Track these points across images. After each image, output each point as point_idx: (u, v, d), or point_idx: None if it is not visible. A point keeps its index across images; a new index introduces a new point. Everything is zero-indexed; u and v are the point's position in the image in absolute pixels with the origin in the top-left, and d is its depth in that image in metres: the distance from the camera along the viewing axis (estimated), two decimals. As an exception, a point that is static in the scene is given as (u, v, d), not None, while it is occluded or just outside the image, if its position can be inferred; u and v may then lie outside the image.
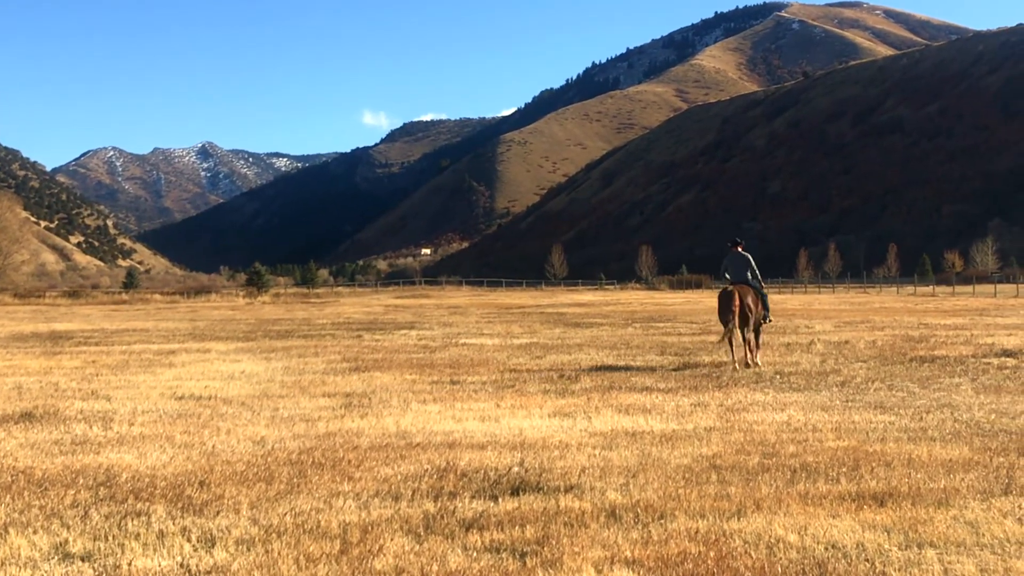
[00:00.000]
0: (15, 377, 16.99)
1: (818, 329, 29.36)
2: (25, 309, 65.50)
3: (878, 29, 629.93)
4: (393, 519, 6.86)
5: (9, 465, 8.89)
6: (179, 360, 20.34)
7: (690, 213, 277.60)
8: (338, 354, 21.56)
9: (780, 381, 15.36)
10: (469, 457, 9.06)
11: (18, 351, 23.42)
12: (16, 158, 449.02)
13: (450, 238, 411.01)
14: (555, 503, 7.27)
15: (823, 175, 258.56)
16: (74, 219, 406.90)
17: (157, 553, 6.15)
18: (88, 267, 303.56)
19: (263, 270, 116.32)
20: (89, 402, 13.34)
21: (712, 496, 7.45)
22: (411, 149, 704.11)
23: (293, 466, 8.70)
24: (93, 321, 42.61)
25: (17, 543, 6.33)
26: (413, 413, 12.10)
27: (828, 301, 66.63)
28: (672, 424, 11.04)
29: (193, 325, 37.45)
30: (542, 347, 23.11)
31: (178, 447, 9.80)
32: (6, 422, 11.49)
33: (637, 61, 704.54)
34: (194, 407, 12.79)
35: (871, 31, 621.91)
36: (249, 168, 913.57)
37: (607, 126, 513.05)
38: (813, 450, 9.33)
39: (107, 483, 8.07)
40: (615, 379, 15.73)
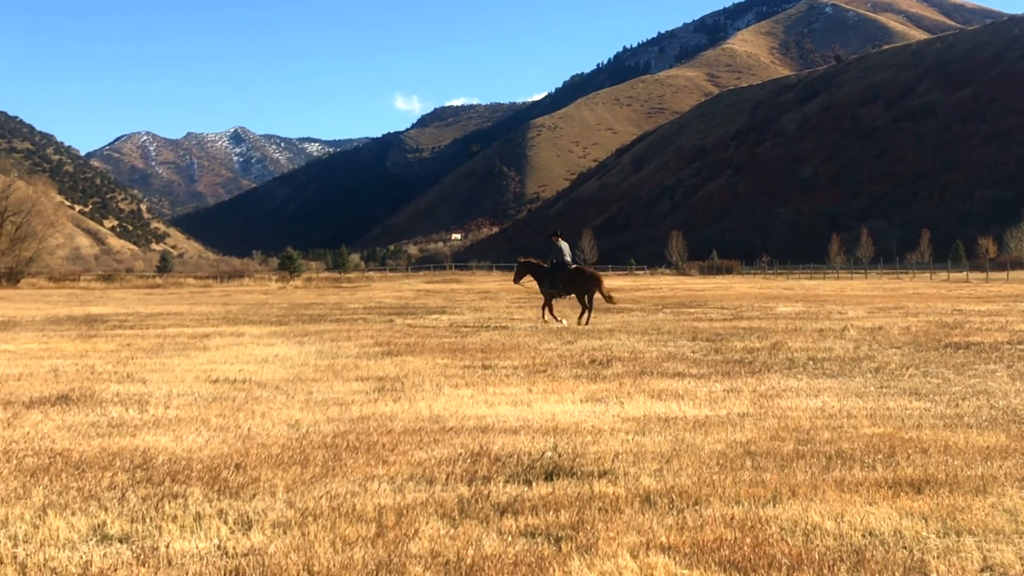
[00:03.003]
0: (52, 360, 17.14)
1: (851, 315, 29.17)
2: (60, 292, 66.19)
3: (912, 13, 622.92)
4: (428, 503, 6.88)
5: (47, 447, 8.96)
6: (213, 344, 20.47)
7: (721, 198, 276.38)
8: (370, 338, 21.63)
9: (813, 367, 15.26)
10: (502, 441, 9.07)
11: (54, 334, 23.64)
12: (51, 143, 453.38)
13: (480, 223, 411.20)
14: (589, 488, 7.27)
15: (855, 160, 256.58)
16: (108, 203, 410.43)
17: (194, 535, 6.20)
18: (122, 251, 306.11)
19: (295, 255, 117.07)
20: (125, 385, 13.44)
21: (747, 482, 7.43)
22: (442, 134, 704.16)
23: (328, 449, 8.74)
24: (127, 305, 42.98)
25: (56, 525, 6.38)
26: (446, 397, 12.13)
27: (860, 287, 66.20)
28: (705, 410, 11.01)
29: (226, 309, 37.69)
30: (573, 332, 23.06)
31: (214, 430, 9.86)
32: (43, 404, 11.59)
33: (668, 45, 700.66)
34: (229, 390, 12.87)
35: (904, 15, 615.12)
36: (281, 153, 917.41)
37: (638, 111, 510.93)
38: (848, 437, 9.27)
39: (144, 465, 8.13)
40: (647, 364, 15.69)
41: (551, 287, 25.41)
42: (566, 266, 25.59)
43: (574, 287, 25.34)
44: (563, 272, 25.35)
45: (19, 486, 7.43)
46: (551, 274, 25.48)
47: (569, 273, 25.35)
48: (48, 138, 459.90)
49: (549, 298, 25.74)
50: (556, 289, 25.27)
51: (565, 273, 25.31)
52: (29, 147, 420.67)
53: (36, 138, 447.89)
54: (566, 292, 25.49)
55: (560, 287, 25.30)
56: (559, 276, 25.25)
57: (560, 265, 25.54)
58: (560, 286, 25.28)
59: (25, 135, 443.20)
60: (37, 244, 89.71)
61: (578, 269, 26.05)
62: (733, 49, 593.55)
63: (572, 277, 25.28)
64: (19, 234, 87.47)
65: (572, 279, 25.27)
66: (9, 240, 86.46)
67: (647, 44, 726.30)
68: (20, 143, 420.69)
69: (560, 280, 25.21)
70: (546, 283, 25.55)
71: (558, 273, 25.32)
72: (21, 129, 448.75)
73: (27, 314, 33.68)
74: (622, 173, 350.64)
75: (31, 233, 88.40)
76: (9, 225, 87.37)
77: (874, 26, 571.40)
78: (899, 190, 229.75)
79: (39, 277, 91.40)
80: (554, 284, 25.30)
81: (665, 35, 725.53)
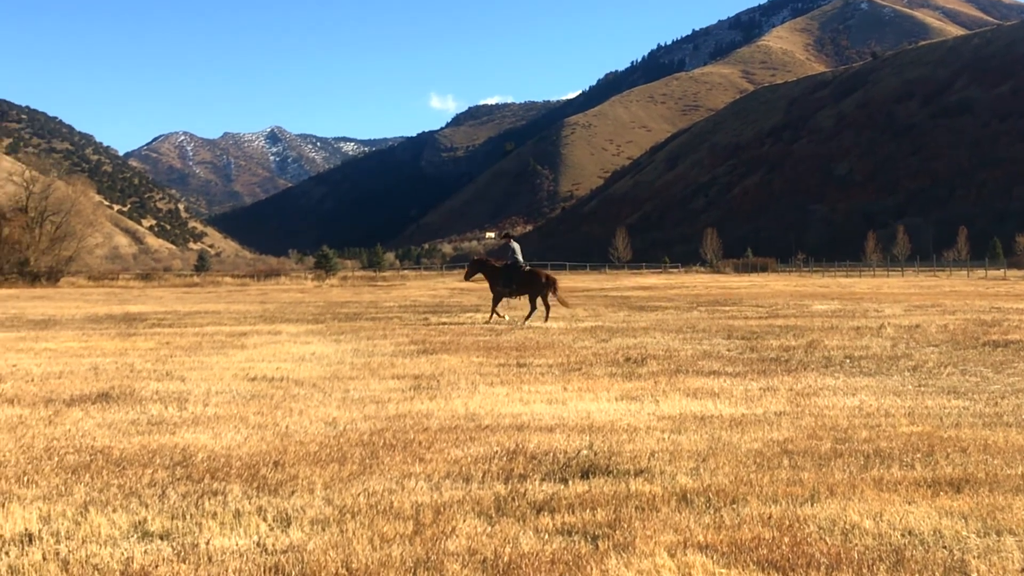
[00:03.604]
0: (92, 358, 17.32)
1: (888, 313, 28.94)
2: (99, 291, 66.88)
3: (948, 9, 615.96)
4: (465, 501, 6.91)
5: (88, 444, 9.06)
6: (251, 342, 20.61)
7: (756, 195, 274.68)
8: (406, 336, 21.70)
9: (850, 365, 15.17)
10: (538, 440, 9.08)
11: (94, 332, 23.89)
12: (90, 143, 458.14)
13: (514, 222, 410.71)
14: (625, 487, 7.27)
15: (891, 157, 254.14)
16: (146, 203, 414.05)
17: (234, 532, 6.25)
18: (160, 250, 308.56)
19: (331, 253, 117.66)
20: (164, 383, 13.56)
21: (784, 481, 7.40)
22: (476, 133, 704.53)
23: (365, 447, 8.79)
24: (166, 303, 43.36)
25: (97, 521, 6.45)
26: (481, 395, 12.15)
27: (897, 285, 65.67)
28: (741, 408, 10.98)
29: (263, 307, 37.94)
30: (607, 330, 23.05)
31: (252, 427, 9.94)
32: (84, 402, 11.72)
33: (703, 43, 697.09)
34: (266, 388, 12.96)
35: (941, 11, 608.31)
36: (317, 152, 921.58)
37: (672, 108, 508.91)
38: (886, 435, 9.22)
39: (183, 463, 8.20)
40: (682, 363, 15.65)
41: (504, 287, 26.10)
42: (519, 267, 26.23)
43: (527, 288, 25.98)
44: (517, 273, 26.02)
45: (61, 483, 7.52)
46: (504, 274, 26.10)
47: (524, 274, 26.04)
48: (87, 138, 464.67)
49: (499, 296, 26.45)
50: (509, 289, 25.99)
51: (520, 274, 26.00)
52: (68, 147, 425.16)
53: (75, 138, 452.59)
54: (519, 293, 26.21)
55: (513, 287, 25.98)
56: (513, 277, 25.91)
57: (513, 266, 26.17)
58: (513, 286, 25.98)
59: (64, 135, 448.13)
60: (76, 243, 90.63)
61: (533, 271, 26.72)
62: (768, 46, 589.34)
63: (526, 279, 25.96)
64: (59, 233, 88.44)
65: (526, 280, 25.95)
66: (49, 239, 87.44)
67: (682, 41, 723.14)
68: (59, 143, 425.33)
69: (514, 280, 25.89)
70: (499, 283, 26.21)
71: (512, 274, 25.98)
72: (60, 129, 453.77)
73: (67, 313, 34.06)
74: (656, 171, 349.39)
75: (70, 232, 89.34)
76: (49, 224, 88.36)
77: (910, 22, 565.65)
78: (936, 187, 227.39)
79: (78, 276, 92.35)
80: (507, 284, 25.99)
81: (700, 32, 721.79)
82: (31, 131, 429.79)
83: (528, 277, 26.02)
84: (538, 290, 25.90)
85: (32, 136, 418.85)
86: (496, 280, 26.29)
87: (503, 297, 26.58)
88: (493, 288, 26.58)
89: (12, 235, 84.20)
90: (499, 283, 26.17)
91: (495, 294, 26.58)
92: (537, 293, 25.91)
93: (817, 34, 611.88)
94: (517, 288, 26.02)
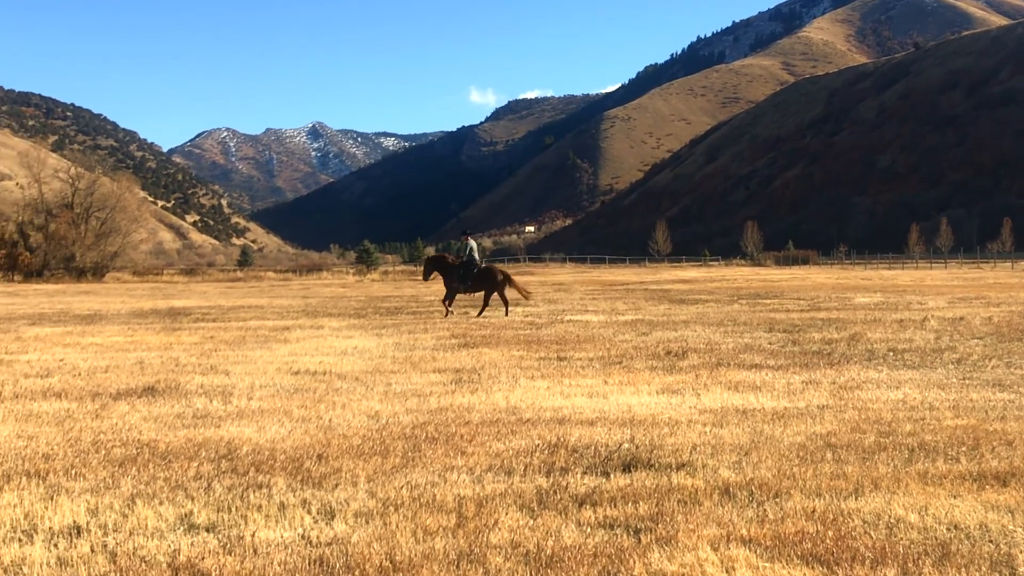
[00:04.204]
0: (137, 352, 17.51)
1: (931, 305, 28.65)
2: (144, 286, 67.61)
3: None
4: (507, 494, 6.93)
5: (134, 438, 9.17)
6: (294, 336, 20.76)
7: (796, 188, 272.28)
8: (446, 330, 21.77)
9: (894, 358, 15.04)
10: (579, 433, 9.09)
11: (139, 327, 24.15)
12: (134, 139, 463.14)
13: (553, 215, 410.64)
14: (667, 480, 7.27)
15: (934, 148, 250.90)
16: (190, 199, 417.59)
17: (279, 524, 6.31)
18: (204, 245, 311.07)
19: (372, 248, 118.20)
20: (209, 377, 13.69)
21: (828, 475, 7.36)
22: (515, 127, 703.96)
23: (407, 440, 8.84)
24: (209, 298, 43.74)
25: (144, 514, 6.54)
26: (522, 389, 12.17)
27: (940, 277, 64.94)
28: (783, 402, 10.92)
29: (306, 302, 38.18)
30: (647, 324, 22.99)
31: (296, 421, 10.02)
32: (130, 396, 11.86)
33: (743, 34, 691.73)
34: (310, 382, 13.05)
35: (984, 0, 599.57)
36: (358, 148, 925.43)
37: (712, 101, 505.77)
38: (931, 429, 9.14)
39: (228, 456, 8.29)
40: (723, 356, 15.59)
41: (459, 283, 26.79)
42: (475, 264, 26.95)
43: (482, 285, 26.78)
44: (471, 270, 26.73)
45: (108, 476, 7.62)
46: (459, 271, 26.79)
47: (479, 272, 26.80)
48: (131, 135, 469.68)
49: (453, 292, 27.11)
50: (464, 285, 26.71)
51: (474, 272, 26.73)
52: (113, 144, 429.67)
53: (120, 135, 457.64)
54: (474, 289, 26.98)
55: (468, 284, 26.71)
56: (468, 274, 26.61)
57: (469, 263, 26.86)
58: (469, 283, 26.70)
59: (109, 132, 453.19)
60: (121, 239, 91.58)
61: (487, 268, 27.50)
62: (809, 37, 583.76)
63: (481, 275, 26.75)
64: (104, 229, 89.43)
65: (480, 277, 26.73)
66: (94, 235, 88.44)
67: (721, 33, 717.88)
68: (104, 140, 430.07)
69: (469, 277, 26.61)
70: (455, 279, 26.87)
71: (467, 271, 26.66)
72: (105, 126, 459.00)
73: (112, 308, 34.46)
74: (696, 164, 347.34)
75: (115, 228, 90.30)
76: (94, 221, 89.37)
77: (953, 12, 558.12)
78: (979, 178, 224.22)
79: (123, 271, 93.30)
80: (462, 280, 26.68)
81: (740, 24, 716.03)
82: (76, 128, 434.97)
83: (482, 274, 26.85)
84: (492, 287, 26.72)
85: (77, 133, 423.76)
86: (452, 276, 27.01)
87: (457, 293, 27.26)
88: (448, 284, 27.29)
89: (58, 231, 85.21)
90: (454, 279, 26.90)
91: (450, 289, 27.27)
92: (492, 290, 26.76)
93: (858, 25, 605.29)
94: (472, 285, 26.79)
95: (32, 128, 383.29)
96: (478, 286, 26.79)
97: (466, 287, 26.74)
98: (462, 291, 27.02)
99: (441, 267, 27.63)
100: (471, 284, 26.68)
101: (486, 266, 27.65)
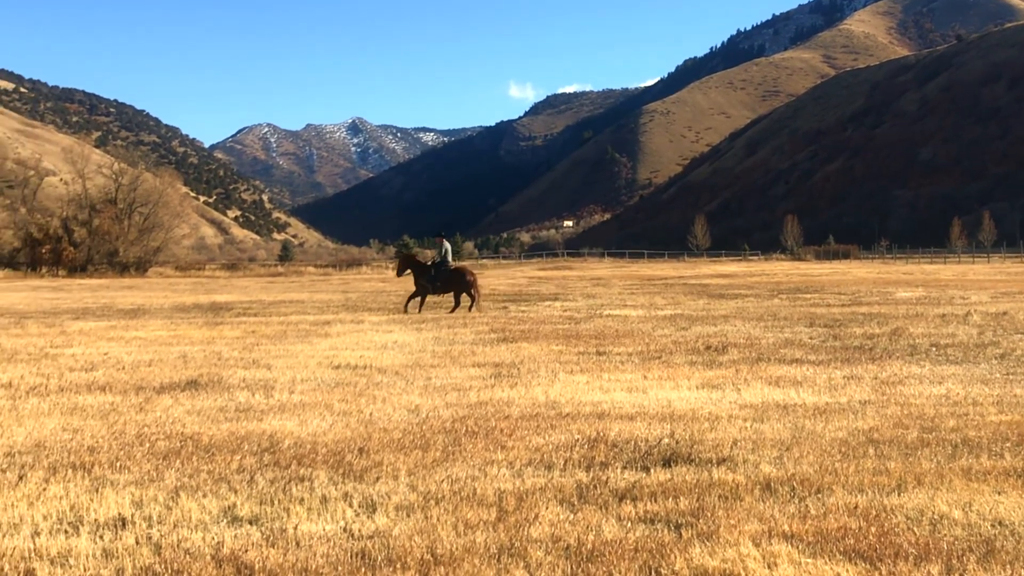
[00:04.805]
0: (180, 347, 17.68)
1: (974, 300, 28.33)
2: (186, 281, 68.21)
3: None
4: (547, 488, 6.95)
5: (178, 431, 9.27)
6: (334, 330, 20.88)
7: (837, 181, 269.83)
8: (486, 325, 21.80)
9: (936, 353, 14.90)
10: (619, 428, 9.08)
11: (182, 321, 24.38)
12: (176, 135, 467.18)
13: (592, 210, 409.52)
14: (708, 475, 7.25)
15: (977, 141, 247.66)
16: (231, 194, 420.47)
17: (321, 517, 6.36)
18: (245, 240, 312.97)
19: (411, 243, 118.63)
20: (251, 371, 13.80)
21: (870, 471, 7.31)
22: (554, 121, 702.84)
23: (447, 434, 8.87)
24: (251, 293, 44.07)
25: (188, 506, 6.62)
26: (561, 383, 12.17)
27: (983, 271, 64.20)
28: (825, 397, 10.85)
29: (346, 296, 38.38)
30: (687, 318, 22.91)
31: (337, 415, 10.09)
32: (173, 390, 11.99)
33: (783, 27, 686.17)
34: (350, 376, 13.13)
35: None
36: (397, 143, 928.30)
37: (752, 94, 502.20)
38: (974, 424, 9.05)
39: (271, 449, 8.36)
40: (763, 351, 15.51)
41: (429, 282, 27.11)
42: (446, 265, 27.29)
43: (452, 285, 27.13)
44: (443, 271, 27.07)
45: (152, 469, 7.71)
46: (430, 271, 27.15)
47: (449, 272, 27.14)
48: (174, 131, 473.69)
49: (423, 291, 27.41)
50: (433, 285, 27.05)
51: (445, 272, 27.07)
52: (156, 140, 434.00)
53: (162, 131, 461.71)
54: (444, 289, 27.27)
55: (437, 284, 27.06)
56: (439, 274, 26.96)
57: (441, 263, 27.24)
58: (438, 283, 27.04)
59: (152, 128, 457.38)
60: (164, 234, 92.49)
61: (457, 269, 27.83)
62: (850, 30, 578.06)
63: (451, 276, 27.12)
64: (147, 224, 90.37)
65: (450, 278, 27.10)
66: (137, 230, 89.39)
67: (761, 26, 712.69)
68: (147, 136, 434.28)
69: (439, 278, 26.96)
70: (424, 278, 27.21)
71: (438, 271, 27.02)
72: (148, 122, 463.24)
73: (155, 302, 34.80)
74: (735, 157, 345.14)
75: (158, 223, 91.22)
76: (137, 216, 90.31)
77: (995, 4, 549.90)
78: (1023, 171, 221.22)
79: (166, 266, 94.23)
80: (432, 280, 27.02)
81: (780, 17, 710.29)
82: (120, 124, 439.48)
83: (453, 275, 27.14)
84: (462, 287, 27.06)
85: (121, 129, 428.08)
86: (423, 275, 27.30)
87: (426, 293, 27.46)
88: (418, 282, 27.52)
89: (102, 226, 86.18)
90: (425, 278, 27.18)
91: (418, 287, 27.50)
92: (462, 289, 27.10)
93: (900, 17, 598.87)
94: (442, 285, 27.09)
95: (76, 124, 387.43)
96: (448, 287, 27.15)
97: (435, 288, 27.12)
98: (431, 291, 27.36)
99: (413, 265, 28.05)
100: (440, 285, 27.05)
101: (456, 267, 27.98)
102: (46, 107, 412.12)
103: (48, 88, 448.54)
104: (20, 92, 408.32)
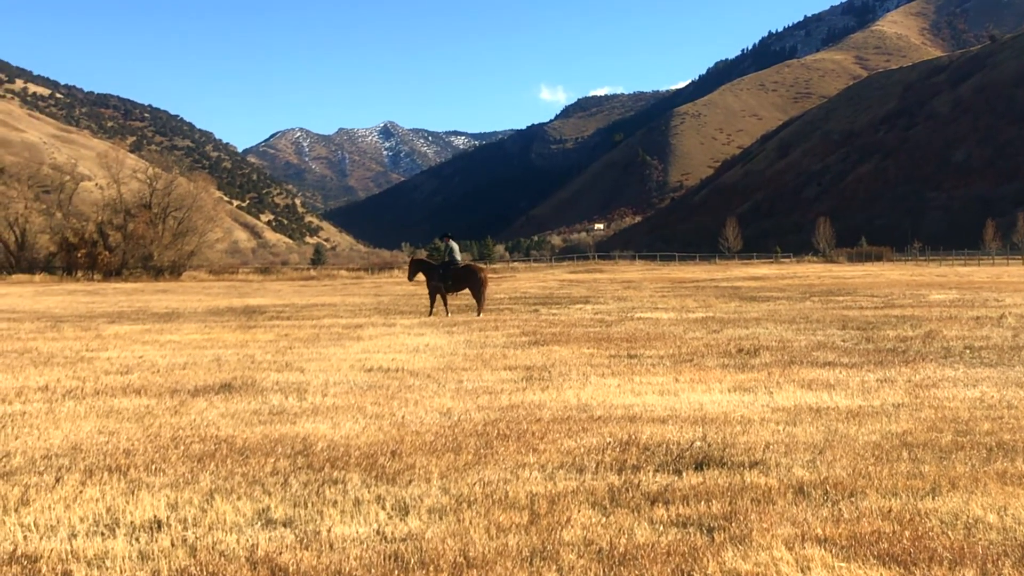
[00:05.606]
0: (214, 350, 17.82)
1: (1008, 302, 28.06)
2: (220, 285, 68.66)
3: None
4: (579, 491, 6.95)
5: (212, 434, 9.34)
6: (366, 334, 20.97)
7: (870, 183, 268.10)
8: (517, 328, 21.82)
9: (970, 356, 14.77)
10: (650, 431, 9.07)
11: (215, 325, 24.55)
12: (210, 140, 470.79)
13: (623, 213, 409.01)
14: (740, 478, 7.23)
15: (1011, 142, 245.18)
16: (264, 198, 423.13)
17: (354, 520, 6.39)
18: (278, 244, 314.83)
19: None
20: (284, 374, 13.88)
21: (904, 474, 7.27)
22: (585, 124, 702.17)
23: (479, 437, 8.89)
24: (284, 296, 44.31)
25: (223, 509, 6.66)
26: (592, 386, 12.17)
27: (1017, 273, 63.56)
28: (858, 400, 10.79)
29: (378, 300, 38.52)
30: (718, 321, 22.84)
31: (369, 417, 10.13)
32: (207, 393, 12.07)
33: (815, 29, 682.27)
34: (382, 379, 13.18)
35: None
36: (428, 147, 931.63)
37: (783, 96, 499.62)
38: (1009, 427, 8.98)
39: (304, 452, 8.40)
40: (795, 353, 15.43)
41: (440, 281, 27.29)
42: (456, 265, 27.43)
43: (464, 283, 27.24)
44: (452, 270, 27.18)
45: (187, 471, 7.77)
46: (439, 270, 27.33)
47: (459, 271, 27.27)
48: (207, 136, 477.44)
49: (435, 291, 27.67)
50: (445, 284, 27.21)
51: (455, 271, 27.19)
52: (189, 144, 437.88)
53: (196, 136, 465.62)
54: (456, 288, 27.47)
55: (450, 283, 27.20)
56: (449, 273, 27.10)
57: (450, 263, 27.36)
58: (449, 282, 27.18)
59: (186, 133, 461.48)
60: (198, 238, 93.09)
61: (468, 267, 28.03)
62: (882, 31, 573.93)
63: (461, 275, 27.22)
64: (181, 229, 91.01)
65: (462, 277, 27.21)
66: (171, 235, 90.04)
67: (793, 28, 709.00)
68: (181, 141, 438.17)
69: (450, 277, 27.09)
70: (435, 278, 27.42)
71: (447, 271, 27.14)
72: (182, 127, 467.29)
73: (189, 306, 35.07)
74: (767, 159, 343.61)
75: (192, 228, 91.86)
76: (171, 220, 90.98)
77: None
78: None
79: (200, 270, 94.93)
80: (443, 279, 27.17)
81: (812, 18, 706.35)
82: (154, 129, 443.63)
83: (463, 273, 27.21)
84: (477, 284, 27.06)
85: (155, 134, 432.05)
86: (433, 276, 27.48)
87: (439, 293, 27.58)
88: (429, 284, 27.75)
89: (137, 230, 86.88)
90: (436, 279, 27.34)
91: (431, 289, 27.75)
92: (478, 286, 27.05)
93: (933, 18, 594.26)
94: (453, 284, 27.20)
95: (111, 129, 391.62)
96: (461, 285, 27.25)
97: (447, 286, 27.23)
98: (444, 291, 27.45)
99: (424, 268, 28.30)
100: (452, 283, 27.15)
101: (466, 265, 28.11)
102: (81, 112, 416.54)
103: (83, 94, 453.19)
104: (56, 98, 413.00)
